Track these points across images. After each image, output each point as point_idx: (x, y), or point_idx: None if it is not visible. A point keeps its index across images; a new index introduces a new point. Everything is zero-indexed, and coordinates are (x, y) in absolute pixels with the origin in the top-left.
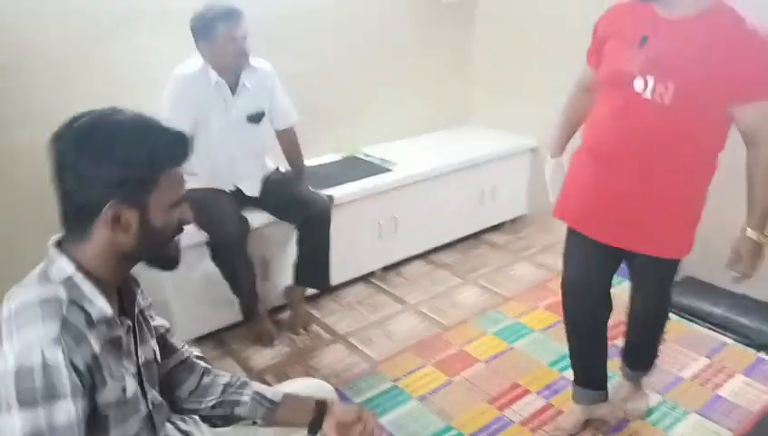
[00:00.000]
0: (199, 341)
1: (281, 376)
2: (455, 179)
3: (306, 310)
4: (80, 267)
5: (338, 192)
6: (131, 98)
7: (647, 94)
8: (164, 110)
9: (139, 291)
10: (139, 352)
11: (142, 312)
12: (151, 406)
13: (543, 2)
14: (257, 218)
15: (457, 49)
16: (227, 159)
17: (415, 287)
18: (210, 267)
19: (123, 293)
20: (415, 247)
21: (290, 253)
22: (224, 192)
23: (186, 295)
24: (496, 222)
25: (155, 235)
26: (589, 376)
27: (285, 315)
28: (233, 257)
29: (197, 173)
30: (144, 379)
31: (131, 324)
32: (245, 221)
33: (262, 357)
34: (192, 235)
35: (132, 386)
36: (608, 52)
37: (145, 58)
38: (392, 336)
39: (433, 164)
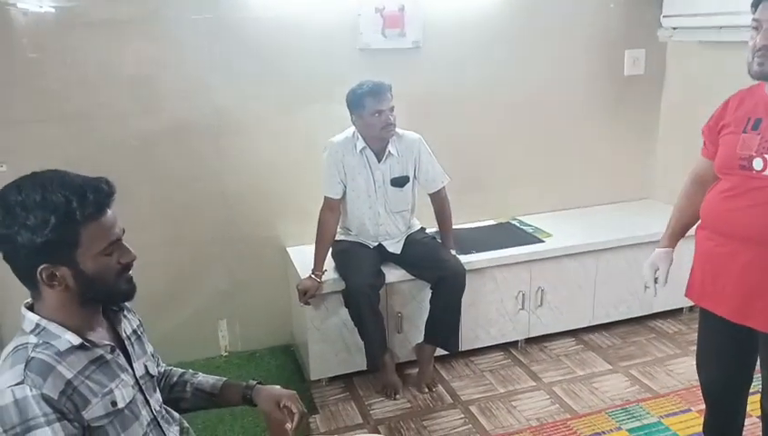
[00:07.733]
0: (330, 381)
1: (393, 431)
2: (615, 256)
3: (433, 369)
4: (46, 318)
5: (480, 257)
6: (305, 158)
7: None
8: (323, 171)
9: (125, 315)
10: (135, 366)
11: (135, 331)
12: (154, 411)
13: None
14: (396, 274)
15: (641, 122)
16: (372, 218)
17: (556, 366)
18: (347, 314)
19: (111, 319)
20: (561, 324)
21: (425, 312)
22: (368, 247)
23: (324, 337)
24: (667, 308)
25: (96, 282)
26: None
27: (414, 371)
28: (362, 306)
29: (350, 230)
30: (144, 388)
31: (113, 345)
32: (381, 275)
33: (382, 408)
34: (334, 283)
35: (126, 396)
36: (725, 140)
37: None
38: (515, 412)
39: (589, 239)
